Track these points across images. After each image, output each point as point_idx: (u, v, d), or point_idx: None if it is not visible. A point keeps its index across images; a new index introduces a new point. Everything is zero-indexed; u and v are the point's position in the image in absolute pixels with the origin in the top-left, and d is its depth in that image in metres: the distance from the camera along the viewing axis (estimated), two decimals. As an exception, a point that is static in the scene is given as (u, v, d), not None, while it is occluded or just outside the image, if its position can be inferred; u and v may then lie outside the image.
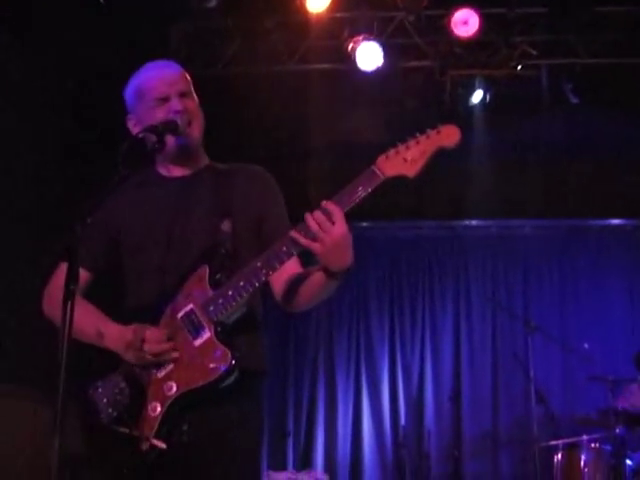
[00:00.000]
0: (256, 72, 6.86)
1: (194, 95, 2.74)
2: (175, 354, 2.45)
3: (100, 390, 2.52)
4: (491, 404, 8.19)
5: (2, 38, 5.50)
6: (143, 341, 2.43)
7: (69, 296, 2.02)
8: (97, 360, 2.55)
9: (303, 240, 2.35)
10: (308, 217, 2.35)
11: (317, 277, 2.50)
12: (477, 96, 7.18)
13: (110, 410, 2.48)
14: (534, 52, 6.78)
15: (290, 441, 8.26)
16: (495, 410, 8.16)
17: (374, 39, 6.59)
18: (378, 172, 2.39)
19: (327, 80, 6.89)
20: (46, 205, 5.82)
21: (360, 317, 8.67)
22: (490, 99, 7.20)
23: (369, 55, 6.59)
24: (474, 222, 8.55)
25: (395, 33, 6.73)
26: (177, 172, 2.75)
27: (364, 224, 8.09)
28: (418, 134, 2.40)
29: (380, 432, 8.26)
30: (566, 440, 6.33)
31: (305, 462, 8.16)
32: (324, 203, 2.35)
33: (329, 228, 2.32)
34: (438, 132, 2.39)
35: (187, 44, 6.71)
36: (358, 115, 7.36)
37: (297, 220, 2.79)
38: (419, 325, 8.57)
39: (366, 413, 8.34)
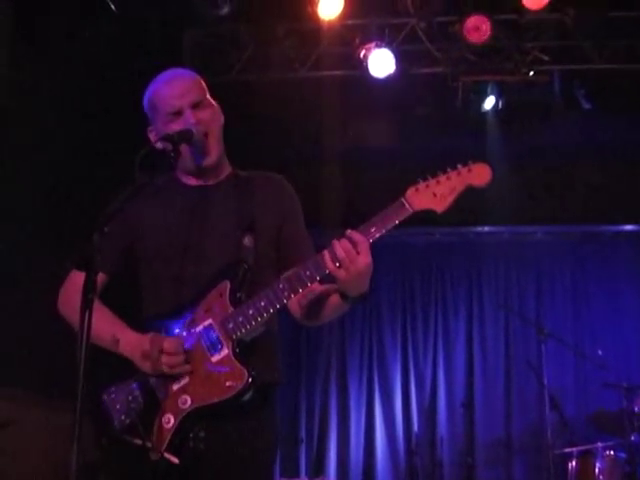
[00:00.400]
0: (268, 79, 6.86)
1: (210, 101, 2.73)
2: (189, 367, 2.44)
3: (114, 396, 2.51)
4: (504, 411, 8.16)
5: (14, 43, 5.52)
6: (161, 352, 2.43)
7: (87, 305, 2.02)
8: (112, 366, 2.54)
9: (330, 265, 2.35)
10: (336, 244, 2.35)
11: (333, 299, 2.54)
12: (489, 102, 7.16)
13: (123, 417, 2.48)
14: (546, 58, 6.74)
15: (303, 448, 8.26)
16: (508, 417, 8.13)
17: (386, 46, 6.58)
18: (407, 205, 2.39)
19: (339, 87, 6.89)
20: (55, 208, 5.83)
21: (372, 324, 8.66)
22: (502, 105, 7.17)
23: (381, 62, 6.58)
24: (486, 228, 8.54)
25: (407, 40, 6.72)
26: (197, 181, 2.74)
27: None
28: (449, 169, 2.41)
29: (393, 439, 8.25)
30: (580, 447, 6.29)
31: (318, 469, 8.15)
32: (349, 233, 2.35)
33: (354, 257, 2.33)
34: (469, 170, 2.40)
35: (200, 51, 6.72)
36: (370, 122, 7.36)
37: (308, 226, 2.80)
38: (431, 332, 8.56)
39: (379, 420, 8.32)
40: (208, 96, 2.74)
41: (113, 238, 2.56)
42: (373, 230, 2.37)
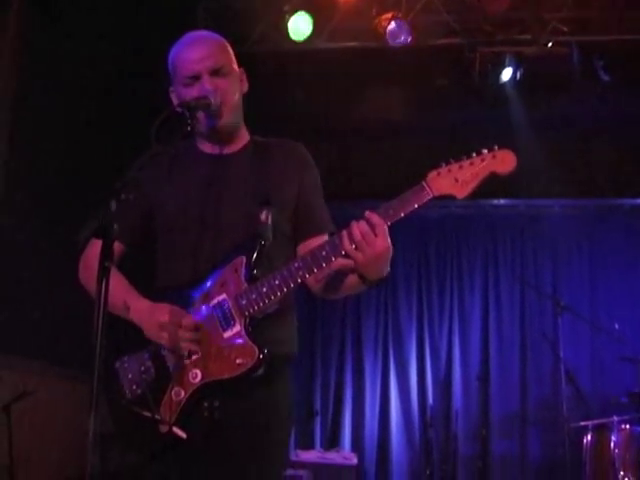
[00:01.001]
0: (284, 51, 6.81)
1: (232, 69, 2.67)
2: (198, 347, 2.43)
3: (126, 365, 2.51)
4: (519, 384, 8.17)
5: (36, 20, 5.52)
6: (179, 326, 2.42)
7: (104, 273, 2.01)
8: (126, 335, 2.53)
9: (347, 246, 2.32)
10: (354, 225, 2.32)
11: (351, 279, 2.51)
12: (507, 74, 7.08)
13: (134, 387, 2.49)
14: (565, 29, 6.66)
15: (318, 420, 8.31)
16: (523, 390, 8.14)
17: (403, 17, 6.51)
18: (428, 190, 2.35)
19: (355, 58, 6.83)
20: (78, 186, 5.86)
21: (388, 296, 8.67)
22: (520, 77, 7.10)
23: (397, 33, 6.53)
24: (502, 201, 8.50)
25: (424, 11, 6.64)
26: (214, 149, 2.71)
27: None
28: (474, 154, 2.37)
29: (408, 412, 8.28)
30: (596, 421, 6.28)
31: (333, 441, 8.20)
32: (368, 214, 2.32)
33: (372, 240, 2.30)
34: (494, 156, 2.36)
35: (214, 23, 6.67)
36: (387, 94, 7.31)
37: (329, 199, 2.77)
38: (447, 305, 8.57)
39: (394, 393, 8.35)
40: (233, 63, 2.68)
41: (130, 207, 2.51)
42: (392, 213, 2.34)
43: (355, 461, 7.04)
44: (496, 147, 2.37)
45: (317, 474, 6.71)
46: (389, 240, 2.33)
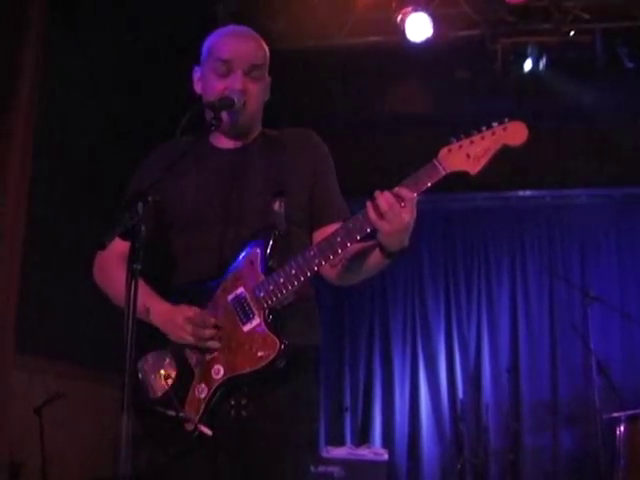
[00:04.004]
0: (304, 48, 6.80)
1: (264, 73, 2.67)
2: (219, 343, 2.43)
3: (149, 365, 2.52)
4: (550, 376, 8.11)
5: (56, 22, 5.57)
6: (199, 326, 2.42)
7: (133, 276, 2.02)
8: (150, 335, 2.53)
9: (372, 215, 2.28)
10: (379, 196, 2.28)
11: (373, 255, 2.46)
12: (529, 64, 7.04)
13: (158, 386, 2.49)
14: (587, 16, 6.59)
15: (348, 416, 8.30)
16: (554, 382, 8.08)
17: (423, 10, 6.48)
18: (439, 167, 2.31)
19: (376, 53, 6.81)
20: (102, 186, 5.90)
21: (415, 290, 8.65)
22: (542, 67, 7.05)
23: (418, 26, 6.49)
24: (528, 192, 8.45)
25: (444, 3, 6.61)
26: (229, 144, 2.70)
27: (416, 197, 8.00)
28: (484, 128, 2.32)
29: (438, 406, 8.25)
30: (629, 412, 6.21)
31: (363, 437, 8.19)
32: (397, 189, 2.28)
33: (399, 210, 2.27)
34: (504, 128, 2.31)
35: (234, 20, 6.67)
36: (408, 88, 7.28)
37: (344, 191, 2.74)
38: (475, 297, 8.53)
39: (423, 387, 8.32)
40: (266, 70, 2.68)
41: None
42: (404, 193, 2.30)
43: (386, 457, 7.03)
44: (507, 119, 2.32)
45: (348, 470, 6.70)
46: (415, 213, 2.30)
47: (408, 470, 8.12)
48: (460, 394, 8.16)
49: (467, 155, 2.31)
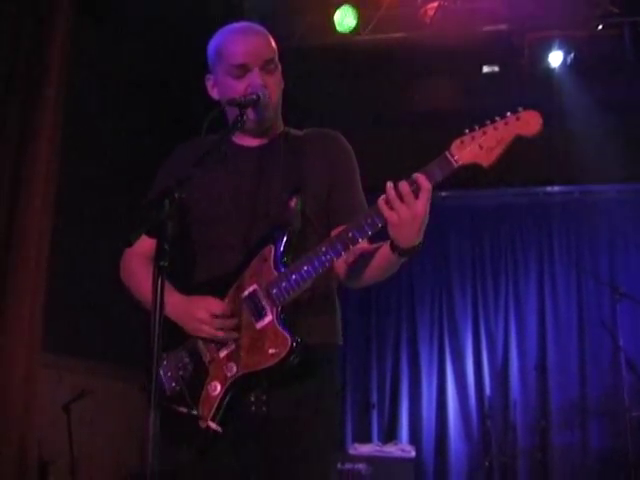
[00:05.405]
0: (331, 43, 6.79)
1: (278, 65, 2.65)
2: (235, 334, 2.42)
3: (165, 363, 2.52)
4: (578, 373, 8.04)
5: (85, 21, 5.60)
6: (215, 316, 2.42)
7: (159, 273, 2.01)
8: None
9: (384, 205, 2.23)
10: (391, 186, 2.24)
11: (382, 253, 2.42)
12: (557, 58, 6.98)
13: (173, 384, 2.50)
14: (616, 10, 6.53)
15: (374, 413, 8.29)
16: (583, 380, 8.01)
17: (449, 5, 6.45)
18: (451, 159, 2.25)
19: (402, 49, 6.78)
20: (129, 185, 5.93)
21: (442, 287, 8.62)
22: (570, 61, 6.99)
23: (444, 22, 6.46)
24: (556, 188, 8.39)
25: (470, -3, 6.58)
26: (252, 142, 2.69)
27: (444, 194, 8.00)
28: (498, 118, 2.27)
29: (465, 403, 8.22)
30: (658, 409, 6.17)
31: (390, 434, 8.17)
32: (416, 176, 2.23)
33: (412, 201, 2.22)
34: (518, 118, 2.26)
35: (260, 17, 6.68)
36: (435, 83, 7.25)
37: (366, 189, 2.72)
38: (502, 294, 8.48)
39: (450, 384, 8.29)
40: (277, 58, 2.66)
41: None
42: (421, 180, 2.25)
43: (413, 454, 7.02)
44: (520, 109, 2.27)
45: (376, 467, 6.69)
46: (429, 207, 2.24)
47: (435, 467, 8.10)
48: (488, 391, 8.12)
49: (480, 146, 2.25)
